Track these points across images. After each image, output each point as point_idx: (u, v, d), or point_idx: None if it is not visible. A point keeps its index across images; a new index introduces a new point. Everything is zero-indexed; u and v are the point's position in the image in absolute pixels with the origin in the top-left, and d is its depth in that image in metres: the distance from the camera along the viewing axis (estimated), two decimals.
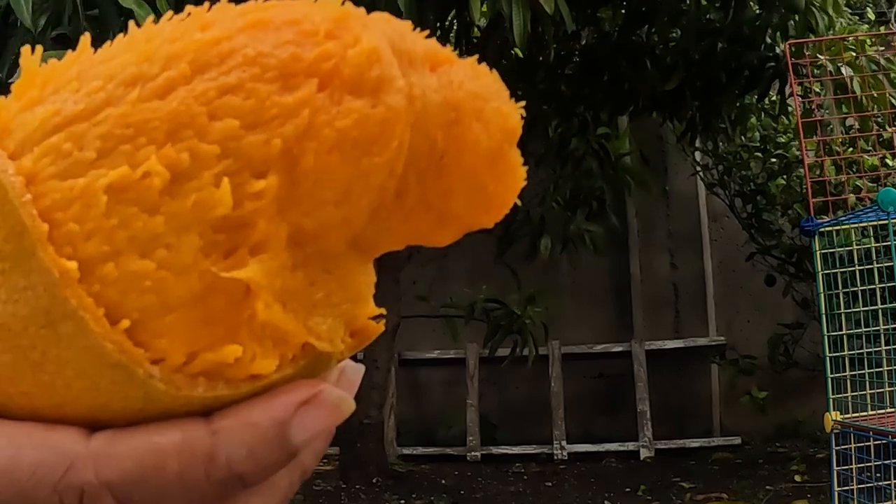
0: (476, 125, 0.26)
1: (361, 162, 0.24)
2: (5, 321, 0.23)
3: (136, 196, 0.23)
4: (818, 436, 4.11)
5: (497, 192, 0.27)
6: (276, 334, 0.24)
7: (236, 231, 0.23)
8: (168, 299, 0.23)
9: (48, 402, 0.23)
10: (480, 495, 3.98)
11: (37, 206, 0.23)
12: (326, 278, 0.26)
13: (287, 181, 0.23)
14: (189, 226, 0.23)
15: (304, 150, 0.23)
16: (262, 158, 0.23)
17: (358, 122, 0.23)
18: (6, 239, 0.23)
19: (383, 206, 0.25)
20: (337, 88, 0.24)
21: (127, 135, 0.23)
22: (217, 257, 0.23)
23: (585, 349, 4.98)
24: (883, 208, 2.26)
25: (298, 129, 0.23)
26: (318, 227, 0.25)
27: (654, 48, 4.19)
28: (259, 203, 0.23)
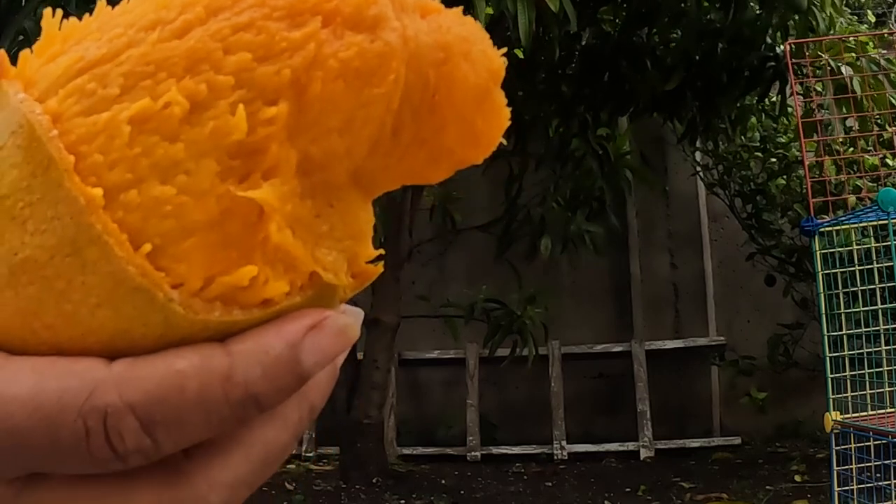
0: (464, 65, 0.28)
1: (363, 92, 0.26)
2: (32, 253, 0.24)
3: (158, 125, 0.24)
4: (818, 436, 4.11)
5: (485, 128, 0.29)
6: (287, 259, 0.26)
7: (250, 157, 0.25)
8: (187, 223, 0.24)
9: (71, 333, 0.24)
10: (480, 495, 3.98)
11: (63, 141, 0.24)
12: (330, 212, 0.27)
13: (296, 109, 0.25)
14: (207, 152, 0.24)
15: (312, 79, 0.25)
16: (274, 87, 0.25)
17: (359, 54, 0.26)
18: (34, 173, 0.24)
19: (381, 142, 0.27)
20: (339, 25, 0.26)
21: (148, 71, 0.24)
22: (233, 181, 0.25)
23: (585, 349, 4.98)
24: (883, 208, 2.26)
25: (306, 59, 0.25)
26: (324, 155, 0.26)
27: (655, 49, 4.19)
28: (271, 129, 0.25)
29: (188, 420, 0.24)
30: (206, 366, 0.24)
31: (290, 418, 0.27)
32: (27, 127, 0.24)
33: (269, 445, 0.27)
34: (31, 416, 0.23)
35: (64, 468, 0.25)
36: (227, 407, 0.24)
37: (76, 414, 0.23)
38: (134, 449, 0.24)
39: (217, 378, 0.24)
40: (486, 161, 0.28)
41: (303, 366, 0.25)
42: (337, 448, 4.35)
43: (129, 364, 0.24)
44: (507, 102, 0.29)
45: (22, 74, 0.26)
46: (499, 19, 2.89)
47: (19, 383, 0.24)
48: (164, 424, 0.24)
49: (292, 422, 0.28)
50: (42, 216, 0.24)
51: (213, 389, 0.24)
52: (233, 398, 0.24)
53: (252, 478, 0.27)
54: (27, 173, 0.24)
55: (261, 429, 0.27)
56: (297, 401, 0.27)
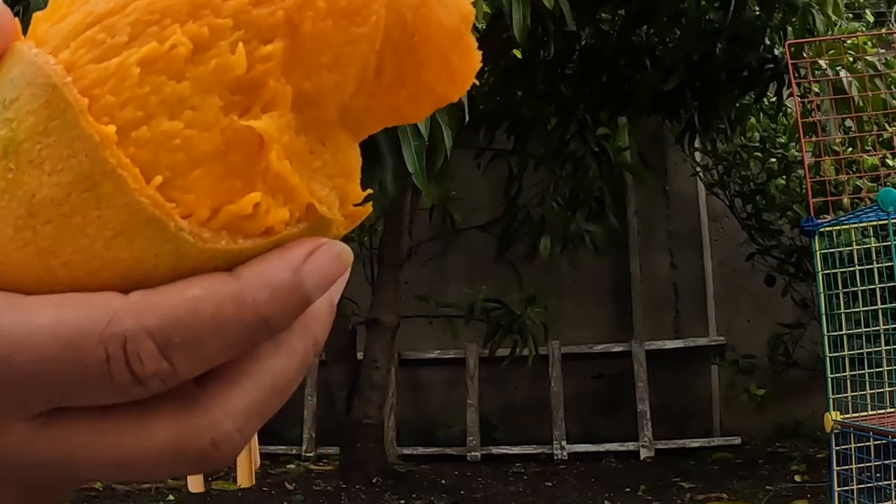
0: (439, 7, 0.30)
1: (349, 30, 0.28)
2: (50, 192, 0.25)
3: (165, 66, 0.26)
4: (818, 436, 4.11)
5: (460, 66, 0.31)
6: (286, 189, 0.28)
7: (250, 91, 0.27)
8: (195, 155, 0.26)
9: (87, 268, 0.26)
10: (480, 495, 3.98)
11: (77, 86, 0.26)
12: (322, 149, 0.29)
13: (290, 46, 0.27)
14: (211, 88, 0.26)
15: (303, 19, 0.27)
16: (269, 27, 0.27)
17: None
18: (50, 117, 0.25)
19: (365, 81, 0.29)
20: None
21: (154, 19, 0.26)
22: (235, 114, 0.27)
23: (585, 349, 4.98)
24: (883, 208, 2.26)
25: (297, 1, 0.27)
26: (316, 90, 0.28)
27: (654, 48, 4.19)
28: (268, 65, 0.27)
29: (204, 343, 0.26)
30: (218, 290, 0.26)
31: (296, 349, 0.29)
32: (42, 76, 0.26)
33: (277, 375, 0.28)
34: (53, 345, 0.25)
35: (86, 398, 0.26)
36: (239, 328, 0.26)
37: (97, 341, 0.25)
38: (153, 373, 0.25)
39: (229, 301, 0.26)
40: (486, 161, 0.28)
41: (306, 287, 0.27)
42: (337, 448, 4.35)
43: (144, 294, 0.26)
44: (507, 102, 0.31)
45: (34, 35, 0.27)
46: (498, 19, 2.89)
47: (41, 317, 0.25)
48: (180, 347, 0.25)
49: (298, 353, 0.29)
50: (59, 156, 0.25)
51: (226, 311, 0.26)
52: (245, 320, 0.26)
53: (263, 407, 0.28)
54: (44, 118, 0.25)
55: (269, 360, 0.28)
56: (302, 333, 0.29)
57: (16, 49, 0.27)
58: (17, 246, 0.26)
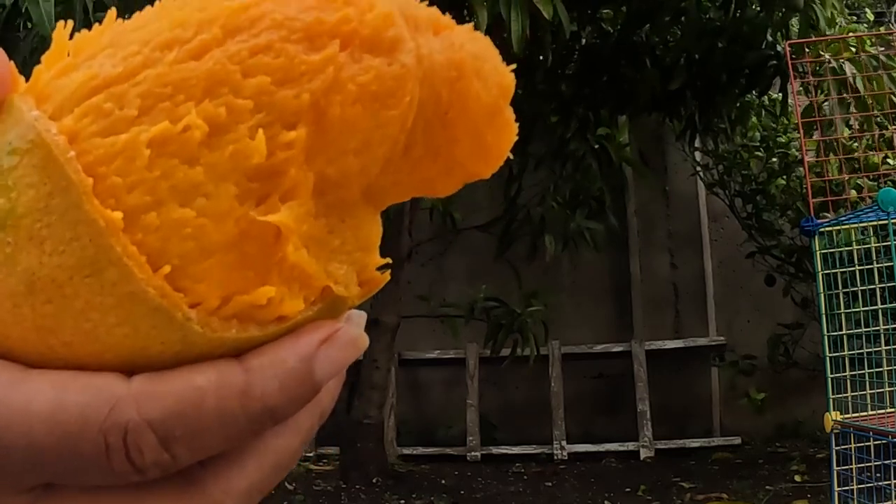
0: (476, 82, 0.28)
1: (380, 114, 0.26)
2: (50, 273, 0.24)
3: (177, 148, 0.24)
4: (818, 436, 4.11)
5: (495, 143, 0.30)
6: (302, 277, 0.26)
7: (269, 179, 0.25)
8: (206, 245, 0.25)
9: (89, 349, 0.25)
10: (480, 495, 3.98)
11: (80, 161, 0.24)
12: (342, 227, 0.28)
13: (315, 132, 0.26)
14: (226, 175, 0.25)
15: (331, 103, 0.26)
16: (293, 111, 0.25)
17: (377, 78, 0.26)
18: (51, 194, 0.24)
19: (394, 159, 0.28)
20: (357, 48, 0.26)
21: (166, 93, 0.25)
22: (251, 204, 0.25)
23: (585, 349, 4.98)
24: (883, 208, 2.26)
25: (325, 83, 0.25)
26: (340, 175, 0.27)
27: (655, 48, 4.19)
28: (290, 152, 0.25)
29: (206, 434, 0.25)
30: (224, 381, 0.25)
31: (302, 425, 0.28)
32: (43, 147, 0.24)
33: (280, 452, 0.28)
34: (51, 431, 0.24)
35: (82, 481, 0.25)
36: (244, 420, 0.25)
37: (97, 430, 0.24)
38: (152, 463, 0.24)
39: (234, 393, 0.25)
40: None
41: (316, 378, 0.26)
42: (337, 448, 4.35)
43: (147, 379, 0.25)
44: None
45: (34, 88, 0.26)
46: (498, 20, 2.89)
47: (39, 398, 0.24)
48: (182, 439, 0.24)
49: (304, 428, 0.28)
50: (60, 237, 0.24)
51: (231, 404, 0.25)
52: (250, 412, 0.25)
53: (264, 483, 0.27)
54: (44, 194, 0.24)
55: (274, 439, 0.27)
56: (310, 408, 0.28)
57: (14, 106, 0.25)
58: (15, 320, 0.25)
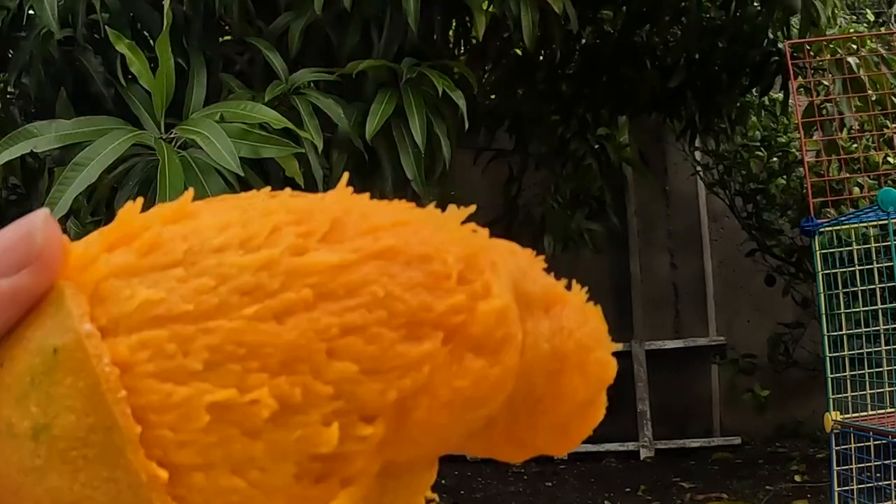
0: (577, 377, 0.27)
1: (467, 414, 0.24)
2: (78, 501, 0.23)
3: (240, 419, 0.22)
4: (818, 436, 4.10)
5: (577, 432, 0.28)
6: None
7: (332, 462, 0.23)
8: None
9: None
10: (480, 495, 3.98)
11: (131, 402, 0.22)
12: (396, 484, 0.26)
13: (393, 427, 0.23)
14: (288, 455, 0.23)
15: (418, 405, 0.23)
16: (375, 406, 0.23)
17: (475, 383, 0.24)
18: (93, 429, 0.22)
19: (471, 436, 0.26)
20: (460, 345, 0.24)
21: (239, 354, 0.22)
22: (308, 483, 0.23)
23: None
24: (883, 208, 2.26)
25: (416, 383, 0.23)
26: (410, 462, 0.25)
27: (655, 48, 4.19)
28: (362, 446, 0.23)
29: None
30: None
31: None
32: (92, 376, 0.22)
33: None
34: None
35: None
36: None
37: None
38: None
39: None
40: (486, 161, 0.28)
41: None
42: None
43: None
44: (507, 102, 0.29)
45: (87, 275, 0.23)
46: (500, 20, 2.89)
47: None
48: None
49: None
50: (97, 474, 0.22)
51: None
52: None
53: None
54: (85, 425, 0.22)
55: None
56: None
57: (64, 302, 0.23)
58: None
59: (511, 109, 4.30)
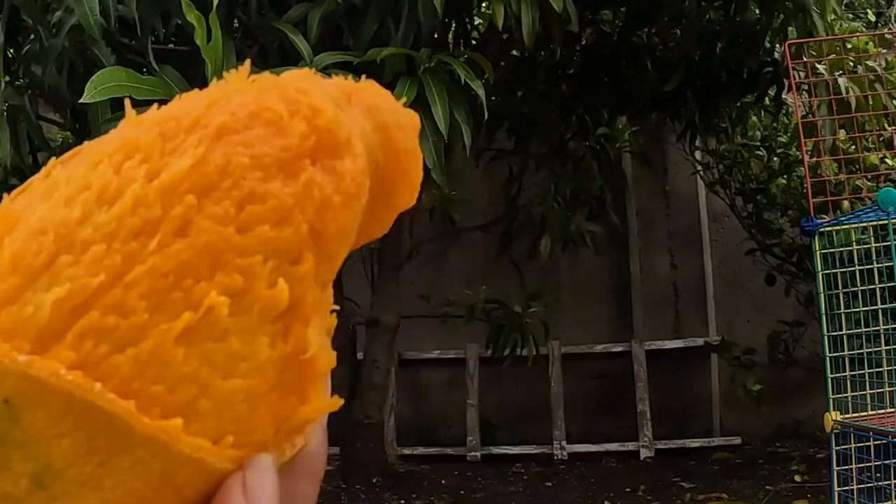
0: (399, 133, 0.30)
1: (356, 205, 0.27)
2: (120, 500, 0.23)
3: (206, 331, 0.24)
4: (818, 436, 4.11)
5: (417, 175, 0.31)
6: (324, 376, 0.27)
7: (289, 312, 0.25)
8: (255, 399, 0.25)
9: None
10: (480, 495, 3.98)
11: (108, 388, 0.22)
12: (325, 296, 0.28)
13: (316, 252, 0.26)
14: (257, 331, 0.25)
15: (325, 221, 0.26)
16: (296, 245, 0.25)
17: (352, 181, 0.27)
18: (92, 435, 0.22)
19: (360, 225, 0.29)
20: (323, 158, 0.26)
21: (170, 283, 0.23)
22: (281, 342, 0.25)
23: (585, 349, 4.98)
24: (883, 208, 2.26)
25: (315, 205, 0.26)
26: (334, 272, 0.28)
27: (655, 49, 4.19)
28: (305, 282, 0.26)
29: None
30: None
31: (309, 495, 0.29)
32: (58, 393, 0.22)
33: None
34: None
35: None
36: None
37: None
38: None
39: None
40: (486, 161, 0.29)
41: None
42: (337, 448, 4.35)
43: None
44: (507, 102, 0.32)
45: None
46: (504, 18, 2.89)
47: None
48: None
49: (311, 497, 0.29)
50: (120, 468, 0.23)
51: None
52: None
53: None
54: (82, 438, 0.22)
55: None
56: (308, 476, 0.29)
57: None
58: None
59: (511, 110, 4.31)
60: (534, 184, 4.65)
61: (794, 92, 2.85)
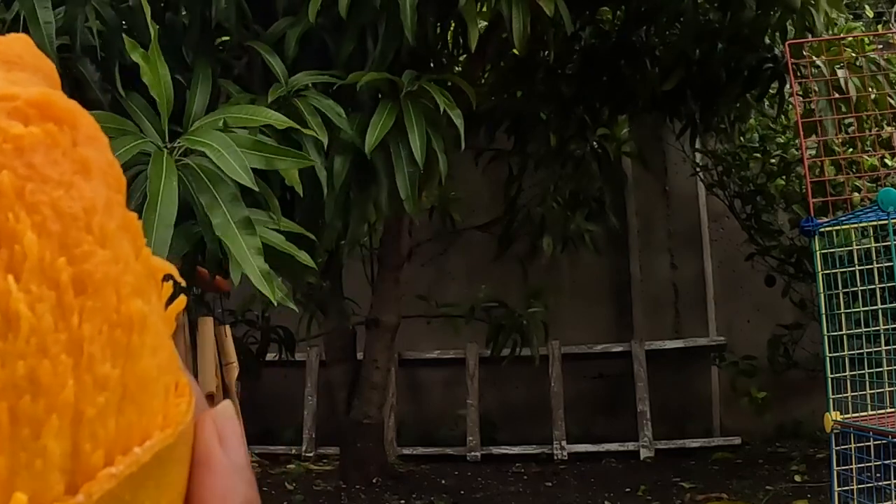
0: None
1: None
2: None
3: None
4: (818, 436, 4.10)
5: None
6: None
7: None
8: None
9: None
10: (480, 495, 3.98)
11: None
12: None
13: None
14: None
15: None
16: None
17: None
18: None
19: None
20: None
21: None
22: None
23: (585, 349, 4.98)
24: (883, 208, 2.26)
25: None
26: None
27: (654, 48, 4.19)
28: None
29: None
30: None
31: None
32: None
33: None
34: None
35: None
36: None
37: None
38: None
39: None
40: (486, 161, 0.27)
41: None
42: (337, 448, 4.35)
43: None
44: (507, 102, 0.28)
45: None
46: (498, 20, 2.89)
47: None
48: None
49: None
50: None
51: None
52: None
53: None
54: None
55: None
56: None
57: None
58: None
59: (511, 110, 4.31)
60: (534, 184, 4.65)
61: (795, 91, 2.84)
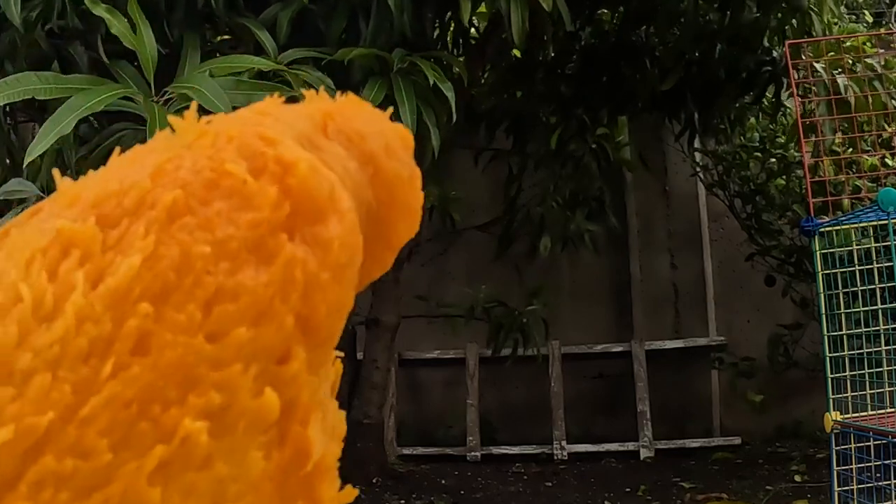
0: (390, 162, 0.25)
1: (350, 273, 0.23)
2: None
3: (185, 462, 0.20)
4: (818, 436, 4.10)
5: (416, 203, 0.27)
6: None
7: (283, 416, 0.22)
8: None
9: None
10: (480, 495, 3.98)
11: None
12: (321, 375, 0.25)
13: (305, 341, 0.22)
14: (246, 449, 0.21)
15: (313, 305, 0.22)
16: (281, 342, 0.21)
17: (342, 246, 0.22)
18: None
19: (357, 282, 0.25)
20: (303, 226, 0.22)
21: (134, 414, 0.19)
22: (277, 454, 0.22)
23: (585, 349, 4.98)
24: (883, 208, 2.26)
25: (299, 290, 0.21)
26: (329, 353, 0.24)
27: (654, 49, 4.19)
28: (296, 383, 0.22)
29: None
30: None
31: None
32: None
33: None
34: None
35: None
36: None
37: None
38: None
39: None
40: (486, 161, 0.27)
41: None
42: None
43: None
44: (507, 102, 0.28)
45: None
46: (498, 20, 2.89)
47: None
48: None
49: None
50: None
51: None
52: None
53: None
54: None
55: None
56: None
57: None
58: None
59: (510, 110, 4.31)
60: (534, 184, 4.65)
61: (795, 92, 2.84)
